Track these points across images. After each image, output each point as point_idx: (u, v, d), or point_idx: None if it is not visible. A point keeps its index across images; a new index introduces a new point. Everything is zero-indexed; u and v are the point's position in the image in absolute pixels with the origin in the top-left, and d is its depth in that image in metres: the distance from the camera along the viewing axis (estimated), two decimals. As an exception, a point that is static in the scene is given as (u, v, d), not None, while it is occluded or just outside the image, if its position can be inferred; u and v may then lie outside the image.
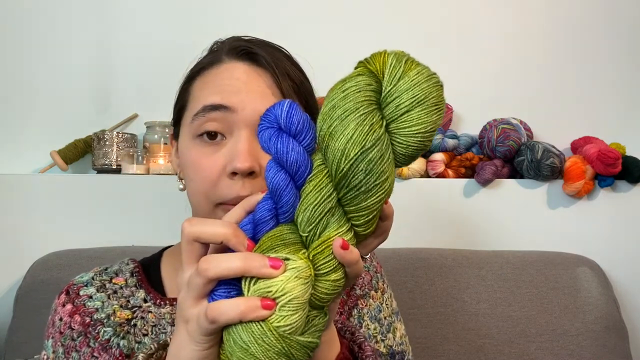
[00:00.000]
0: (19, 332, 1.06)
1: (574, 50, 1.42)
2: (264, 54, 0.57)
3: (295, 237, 0.40)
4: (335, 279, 0.39)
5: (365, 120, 0.39)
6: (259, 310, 0.36)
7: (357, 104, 0.39)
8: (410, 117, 0.39)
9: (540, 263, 1.16)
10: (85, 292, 0.64)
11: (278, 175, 0.41)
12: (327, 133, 0.39)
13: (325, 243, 0.39)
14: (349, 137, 0.38)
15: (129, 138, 1.30)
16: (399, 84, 0.40)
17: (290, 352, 0.37)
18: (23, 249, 1.20)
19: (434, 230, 1.27)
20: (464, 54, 1.42)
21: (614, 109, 1.40)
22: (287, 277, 0.37)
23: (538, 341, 1.09)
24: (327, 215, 0.40)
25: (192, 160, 0.57)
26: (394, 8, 1.42)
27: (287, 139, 0.41)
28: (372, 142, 0.38)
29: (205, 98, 0.56)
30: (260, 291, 0.37)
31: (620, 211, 1.26)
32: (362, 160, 0.38)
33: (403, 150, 0.40)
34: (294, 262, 0.38)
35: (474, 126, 1.36)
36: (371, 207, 0.40)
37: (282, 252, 0.39)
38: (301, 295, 0.37)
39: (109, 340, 0.60)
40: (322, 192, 0.40)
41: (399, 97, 0.39)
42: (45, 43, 1.37)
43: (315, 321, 0.39)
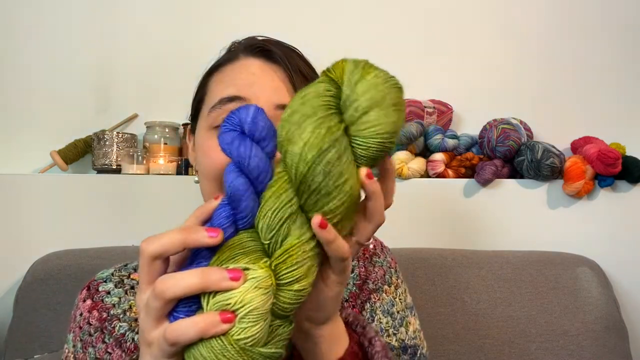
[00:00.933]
0: (19, 332, 1.06)
1: (574, 51, 1.42)
2: (278, 50, 0.60)
3: (255, 244, 0.39)
4: (298, 288, 0.39)
5: (323, 124, 0.39)
6: (219, 325, 0.35)
7: (315, 109, 0.39)
8: (368, 119, 0.39)
9: (540, 263, 1.16)
10: (104, 288, 0.66)
11: (237, 180, 0.40)
12: (285, 138, 0.39)
13: (288, 252, 0.38)
14: (306, 140, 0.38)
15: (129, 138, 1.30)
16: (357, 88, 0.40)
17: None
18: (23, 249, 1.20)
19: (434, 230, 1.27)
20: (464, 54, 1.42)
21: (614, 109, 1.40)
22: (246, 287, 0.36)
23: (538, 341, 1.09)
24: (287, 221, 0.39)
25: (205, 149, 0.58)
26: (394, 8, 1.42)
27: (250, 144, 0.40)
28: (328, 143, 0.38)
29: (222, 91, 0.59)
30: (219, 304, 0.36)
31: (620, 211, 1.26)
32: (320, 162, 0.38)
33: (364, 152, 0.40)
34: (253, 272, 0.37)
35: (474, 126, 1.36)
36: (334, 210, 0.39)
37: (242, 261, 0.37)
38: (261, 306, 0.36)
39: (124, 334, 0.62)
40: (281, 197, 0.39)
41: (357, 100, 0.39)
42: (45, 43, 1.37)
43: (278, 330, 0.39)
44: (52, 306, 1.06)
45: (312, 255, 0.40)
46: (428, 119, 1.33)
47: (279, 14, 1.40)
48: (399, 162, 1.25)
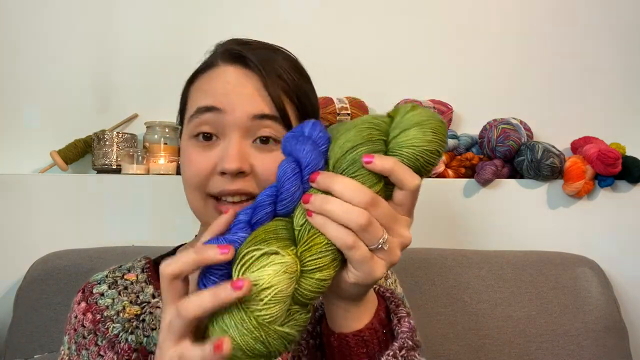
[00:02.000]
0: (19, 332, 1.06)
1: (574, 50, 1.42)
2: (253, 57, 0.59)
3: (287, 234, 0.43)
4: (320, 277, 0.42)
5: (366, 131, 0.44)
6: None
7: (364, 122, 0.45)
8: (407, 134, 0.44)
9: (540, 263, 1.16)
10: (97, 290, 0.67)
11: (288, 165, 0.44)
12: (334, 137, 0.45)
13: (313, 240, 0.42)
14: (347, 138, 0.44)
15: (129, 138, 1.30)
16: (406, 116, 0.45)
17: (267, 340, 0.39)
18: (23, 249, 1.20)
19: (434, 230, 1.27)
20: (464, 54, 1.42)
21: (614, 109, 1.40)
22: (275, 270, 0.39)
23: (538, 341, 1.09)
24: None
25: (187, 158, 0.60)
26: (394, 8, 1.42)
27: (307, 140, 0.45)
28: (364, 140, 0.43)
29: (199, 100, 0.60)
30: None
31: (620, 211, 1.26)
32: (351, 152, 0.43)
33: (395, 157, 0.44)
34: (282, 257, 0.40)
35: (474, 126, 1.36)
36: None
37: (274, 245, 0.41)
38: (285, 289, 0.39)
39: (117, 335, 0.62)
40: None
41: (404, 121, 0.45)
42: (45, 43, 1.37)
43: (296, 316, 0.41)
44: (52, 306, 1.06)
45: (336, 248, 0.42)
46: (432, 109, 1.33)
47: (279, 14, 1.40)
48: (399, 162, 1.25)
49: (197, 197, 0.60)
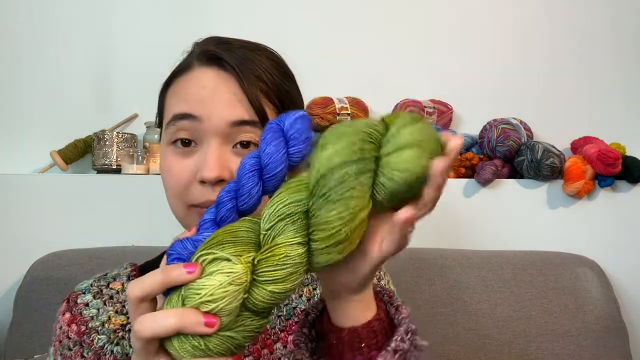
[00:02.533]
0: (19, 332, 1.06)
1: (574, 51, 1.42)
2: (230, 58, 0.57)
3: (249, 236, 0.41)
4: (272, 290, 0.39)
5: (358, 144, 0.40)
6: (201, 326, 0.37)
7: (357, 131, 0.41)
8: (402, 154, 0.40)
9: (540, 263, 1.16)
10: (82, 300, 0.65)
11: (248, 160, 0.44)
12: (321, 145, 0.41)
13: (272, 250, 0.39)
14: (337, 149, 0.40)
15: (129, 138, 1.30)
16: (403, 129, 0.41)
17: (207, 346, 0.38)
18: (23, 249, 1.20)
19: (434, 230, 1.26)
20: (464, 54, 1.42)
21: (614, 109, 1.40)
22: (220, 282, 0.37)
23: (538, 341, 1.09)
24: (287, 219, 0.40)
25: (166, 165, 0.58)
26: (394, 8, 1.42)
27: (279, 136, 0.44)
28: (355, 158, 0.40)
29: (175, 107, 0.58)
30: (191, 291, 0.38)
31: (620, 211, 1.26)
32: (340, 170, 0.39)
33: (386, 181, 0.41)
34: (231, 266, 0.38)
35: (474, 126, 1.36)
36: (331, 221, 0.39)
37: (229, 249, 0.39)
38: (228, 303, 0.38)
39: (102, 347, 0.61)
40: (292, 195, 0.40)
41: (400, 136, 0.41)
42: (45, 43, 1.37)
43: (246, 322, 0.40)
44: (52, 306, 1.06)
45: (296, 263, 0.40)
46: (428, 119, 1.33)
47: (279, 15, 1.40)
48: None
49: (179, 205, 0.59)
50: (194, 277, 0.38)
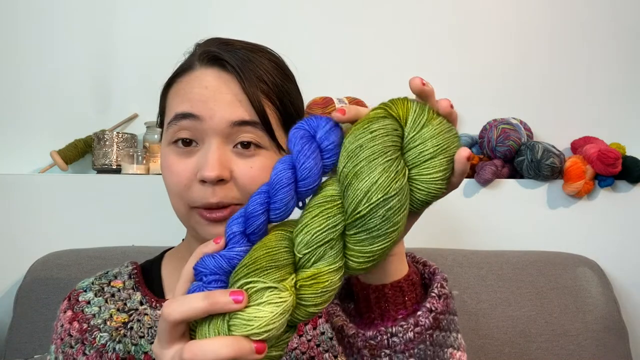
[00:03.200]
0: (19, 332, 1.06)
1: (574, 51, 1.42)
2: (231, 59, 0.57)
3: (289, 257, 0.40)
4: (313, 311, 0.40)
5: (392, 167, 0.40)
6: (252, 354, 0.37)
7: (385, 148, 0.40)
8: (434, 164, 0.41)
9: (540, 263, 1.16)
10: (83, 298, 0.65)
11: (284, 172, 0.42)
12: (352, 172, 0.40)
13: (316, 278, 0.40)
14: (374, 181, 0.39)
15: (129, 138, 1.30)
16: (423, 131, 0.41)
17: None
18: (23, 249, 1.20)
19: (434, 230, 1.26)
20: (464, 54, 1.42)
21: (614, 109, 1.40)
22: (272, 312, 0.37)
23: (538, 341, 1.09)
24: (326, 245, 0.40)
25: (167, 165, 0.59)
26: (395, 8, 1.42)
27: (315, 148, 0.42)
28: (395, 190, 0.39)
29: (177, 106, 0.58)
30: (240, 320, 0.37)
31: (620, 211, 1.26)
32: (383, 207, 0.39)
33: (423, 196, 0.42)
34: (280, 295, 0.38)
35: (474, 126, 1.36)
36: (375, 251, 0.40)
37: (272, 275, 0.39)
38: (280, 329, 0.38)
39: (105, 345, 0.61)
40: (328, 221, 0.40)
41: (422, 144, 0.41)
42: (45, 43, 1.37)
43: (283, 337, 0.40)
44: (52, 306, 1.06)
45: (337, 287, 0.41)
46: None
47: (279, 14, 1.40)
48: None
49: (180, 205, 0.59)
50: (241, 307, 0.37)
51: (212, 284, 0.40)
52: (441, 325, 0.46)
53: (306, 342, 0.63)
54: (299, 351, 0.63)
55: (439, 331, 0.46)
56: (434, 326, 0.45)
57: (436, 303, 0.46)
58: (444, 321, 0.46)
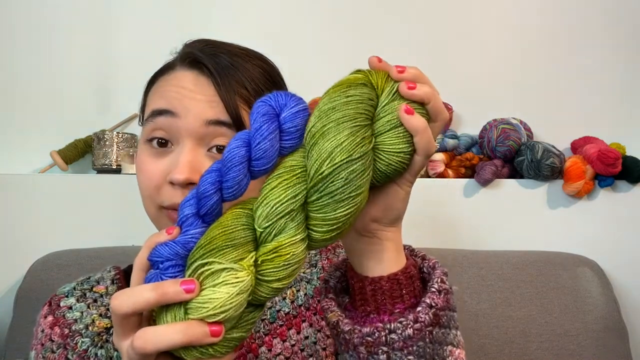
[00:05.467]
0: (19, 332, 1.06)
1: (574, 50, 1.42)
2: (210, 63, 0.57)
3: (247, 234, 0.39)
4: (277, 286, 0.39)
5: (359, 132, 0.39)
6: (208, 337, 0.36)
7: (357, 114, 0.40)
8: (397, 134, 0.41)
9: (540, 263, 1.16)
10: (65, 303, 0.65)
11: (238, 150, 0.40)
12: (320, 131, 0.39)
13: (277, 251, 0.38)
14: (340, 142, 0.39)
15: (129, 138, 1.30)
16: (394, 103, 0.41)
17: (214, 349, 0.38)
18: (23, 249, 1.20)
19: (434, 230, 1.26)
20: (464, 54, 1.42)
21: (614, 109, 1.40)
22: (228, 293, 0.36)
23: (538, 341, 1.09)
24: (286, 216, 0.39)
25: (139, 164, 0.59)
26: (394, 8, 1.42)
27: (275, 129, 0.41)
28: (359, 154, 0.39)
29: (154, 103, 0.59)
30: (195, 304, 0.37)
31: (620, 211, 1.26)
32: (346, 169, 0.38)
33: (384, 167, 0.41)
34: (237, 275, 0.37)
35: (474, 126, 1.36)
36: (337, 218, 0.39)
37: (229, 255, 0.38)
38: (238, 309, 0.37)
39: (86, 350, 0.60)
40: (288, 191, 0.39)
41: (391, 114, 0.41)
42: (45, 43, 1.37)
43: (248, 317, 0.40)
44: (52, 306, 1.06)
45: (300, 259, 0.39)
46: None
47: (278, 16, 1.40)
48: (399, 162, 1.25)
49: (150, 206, 0.59)
50: (193, 296, 0.36)
51: (170, 269, 0.38)
52: (441, 322, 0.45)
53: (290, 347, 0.62)
54: (283, 356, 0.62)
55: (438, 328, 0.44)
56: (434, 323, 0.44)
57: (436, 298, 0.45)
58: (444, 317, 0.45)
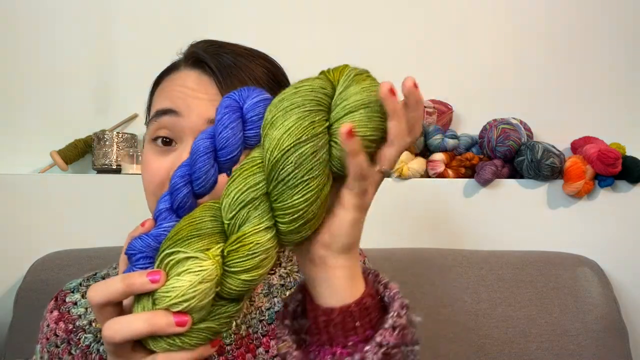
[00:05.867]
0: (19, 332, 1.06)
1: (574, 50, 1.42)
2: (213, 62, 0.58)
3: (215, 225, 0.39)
4: (246, 278, 0.39)
5: (308, 116, 0.39)
6: (172, 327, 0.37)
7: (305, 101, 0.39)
8: (352, 118, 0.39)
9: (540, 263, 1.16)
10: (70, 299, 0.66)
11: (203, 142, 0.41)
12: (269, 122, 0.40)
13: (240, 241, 0.38)
14: (287, 128, 0.38)
15: (129, 138, 1.30)
16: (350, 89, 0.40)
17: (182, 341, 0.38)
18: (23, 249, 1.20)
19: (434, 230, 1.27)
20: (464, 54, 1.42)
21: (614, 109, 1.40)
22: (190, 282, 0.36)
23: (538, 341, 1.09)
24: (249, 205, 0.39)
25: (144, 162, 0.60)
26: (394, 8, 1.42)
27: (236, 118, 0.42)
28: (307, 136, 0.38)
29: (159, 103, 0.60)
30: (160, 293, 0.37)
31: (620, 211, 1.26)
32: (294, 153, 0.38)
33: (339, 152, 0.40)
34: (200, 264, 0.37)
35: (474, 126, 1.36)
36: (295, 206, 0.39)
37: (195, 244, 0.38)
38: (202, 300, 0.37)
39: (89, 346, 0.61)
40: (248, 179, 0.39)
41: (346, 100, 0.40)
42: (45, 43, 1.37)
43: (220, 310, 0.39)
44: (52, 306, 1.06)
45: (267, 248, 0.39)
46: (428, 119, 1.33)
47: (278, 16, 1.40)
48: (399, 162, 1.25)
49: (153, 202, 0.59)
50: (158, 286, 0.37)
51: (140, 261, 0.40)
52: None
53: None
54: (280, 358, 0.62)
55: None
56: None
57: (388, 336, 0.41)
58: (397, 355, 0.42)
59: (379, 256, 1.11)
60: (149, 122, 0.60)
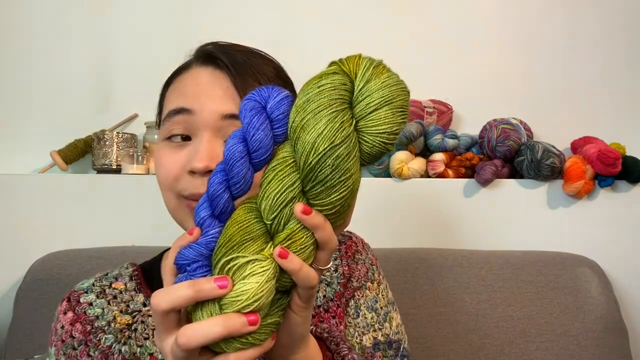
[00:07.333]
0: (19, 332, 1.06)
1: (574, 50, 1.42)
2: (225, 57, 0.59)
3: (260, 226, 0.41)
4: None
5: (337, 117, 0.40)
6: (246, 326, 0.38)
7: (331, 101, 0.40)
8: (378, 116, 0.41)
9: (540, 263, 1.16)
10: (85, 300, 0.65)
11: (236, 147, 0.42)
12: (300, 125, 0.41)
13: (291, 238, 0.40)
14: (320, 132, 0.40)
15: (129, 138, 1.30)
16: (370, 85, 0.41)
17: (254, 338, 0.39)
18: (23, 249, 1.20)
19: (434, 230, 1.27)
20: (464, 54, 1.42)
21: (614, 109, 1.40)
22: (258, 282, 0.38)
23: (538, 341, 1.09)
24: (289, 205, 0.41)
25: (158, 160, 0.60)
26: (394, 8, 1.42)
27: (264, 119, 0.42)
28: (341, 139, 0.40)
29: (171, 103, 0.60)
30: (229, 299, 0.38)
31: (620, 211, 1.26)
32: (330, 156, 0.39)
33: (369, 149, 0.42)
34: (261, 265, 0.39)
35: (474, 126, 1.36)
36: (334, 202, 0.41)
37: (250, 248, 0.40)
38: (269, 296, 0.39)
39: (110, 347, 0.61)
40: (284, 181, 0.41)
41: (369, 96, 0.41)
42: (45, 43, 1.37)
43: (277, 303, 0.42)
44: (52, 306, 1.05)
45: (313, 241, 0.41)
46: (428, 119, 1.33)
47: (279, 16, 1.40)
48: (399, 162, 1.25)
49: (171, 197, 0.59)
50: (227, 291, 0.38)
51: (198, 270, 0.41)
52: None
53: None
54: None
55: None
56: None
57: None
58: None
59: (379, 256, 1.11)
60: (163, 122, 0.61)
